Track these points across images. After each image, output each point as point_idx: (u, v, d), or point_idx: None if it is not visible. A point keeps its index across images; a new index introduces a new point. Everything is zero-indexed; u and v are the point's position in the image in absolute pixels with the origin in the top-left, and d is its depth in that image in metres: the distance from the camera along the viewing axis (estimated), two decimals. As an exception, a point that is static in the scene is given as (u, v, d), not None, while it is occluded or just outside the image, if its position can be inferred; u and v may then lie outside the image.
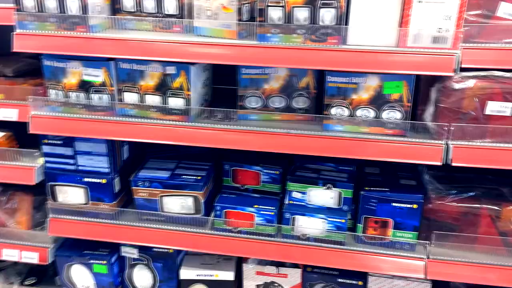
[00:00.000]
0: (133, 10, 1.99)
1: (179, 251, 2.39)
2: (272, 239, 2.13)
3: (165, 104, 2.01)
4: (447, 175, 2.13)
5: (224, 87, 2.31)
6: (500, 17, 1.74)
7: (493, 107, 1.76)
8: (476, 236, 1.99)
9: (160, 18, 1.96)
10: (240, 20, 1.83)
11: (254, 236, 2.14)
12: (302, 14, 1.75)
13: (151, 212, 2.21)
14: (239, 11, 1.82)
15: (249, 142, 1.95)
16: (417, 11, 1.69)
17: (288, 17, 1.75)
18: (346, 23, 1.76)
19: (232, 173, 2.26)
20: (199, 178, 2.17)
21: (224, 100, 2.17)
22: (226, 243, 2.17)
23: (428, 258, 2.00)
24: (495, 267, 1.97)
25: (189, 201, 2.17)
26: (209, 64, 2.19)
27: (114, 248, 2.41)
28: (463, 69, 1.73)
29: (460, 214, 2.01)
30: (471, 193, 2.02)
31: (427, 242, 2.02)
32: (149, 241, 2.24)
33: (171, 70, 1.96)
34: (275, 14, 1.76)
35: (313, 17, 1.75)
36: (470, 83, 1.75)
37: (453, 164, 1.79)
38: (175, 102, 2.00)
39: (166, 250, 2.34)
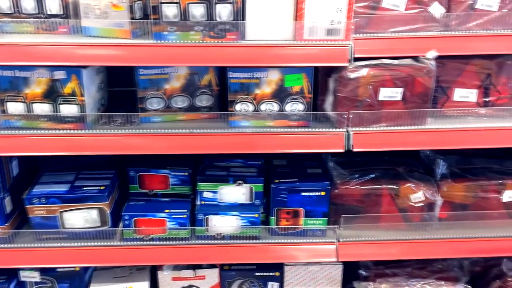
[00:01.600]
0: (10, 12, 1.79)
1: (86, 268, 2.23)
2: (187, 242, 2.08)
3: (57, 112, 1.84)
4: (349, 160, 2.23)
5: (122, 89, 2.19)
6: (385, 8, 1.85)
7: (385, 93, 1.88)
8: (379, 215, 2.12)
9: (43, 19, 1.79)
10: (132, 18, 1.73)
11: (168, 242, 2.07)
12: (198, 11, 1.70)
13: (51, 230, 2.02)
14: (131, 9, 1.72)
15: (154, 145, 1.87)
16: (310, 4, 1.73)
17: (184, 14, 1.70)
18: (243, 18, 1.75)
19: (138, 179, 2.16)
20: (102, 188, 2.04)
21: (123, 103, 2.06)
22: (138, 253, 2.06)
23: (338, 241, 2.09)
24: (397, 242, 2.11)
25: (94, 214, 2.03)
26: (103, 66, 2.06)
27: (12, 274, 2.18)
28: (356, 59, 1.81)
29: (363, 196, 2.12)
30: (372, 175, 2.14)
31: (336, 226, 2.11)
32: (51, 262, 2.06)
33: (60, 75, 1.80)
34: (170, 11, 1.69)
35: (210, 13, 1.71)
36: (364, 72, 1.84)
37: (354, 150, 1.87)
38: (68, 109, 1.84)
39: (71, 269, 2.17)
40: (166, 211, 2.06)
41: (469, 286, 2.27)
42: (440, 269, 2.37)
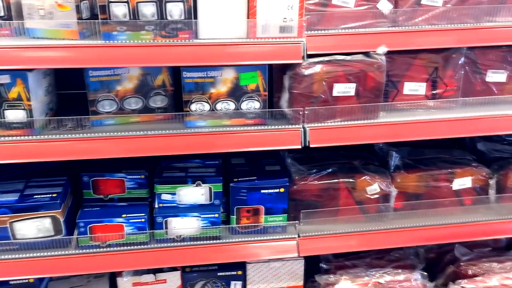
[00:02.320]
0: None
1: (41, 279, 2.15)
2: (146, 246, 2.03)
3: (2, 118, 1.75)
4: (306, 156, 2.26)
5: (72, 92, 2.11)
6: (335, 4, 1.87)
7: (339, 89, 1.91)
8: (337, 209, 2.16)
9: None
10: (79, 18, 1.67)
11: (126, 247, 2.01)
12: (148, 10, 1.67)
13: (1, 242, 1.93)
14: (78, 8, 1.66)
15: (107, 149, 1.81)
16: (262, 2, 1.73)
17: (134, 13, 1.65)
18: (195, 17, 1.73)
19: (92, 184, 2.09)
20: (54, 195, 1.96)
21: (73, 106, 1.98)
22: (95, 261, 2.00)
23: (299, 236, 2.11)
24: (356, 234, 2.15)
25: (47, 223, 1.95)
26: (51, 68, 1.97)
27: (-42, 291, 2.07)
28: (310, 56, 1.83)
29: (321, 190, 2.15)
30: (329, 170, 2.18)
31: (297, 222, 2.13)
32: (4, 275, 1.96)
33: (4, 79, 1.71)
34: (119, 10, 1.64)
35: (161, 12, 1.68)
36: (317, 68, 1.86)
37: (311, 145, 1.90)
38: (15, 115, 1.76)
39: (25, 281, 2.08)
40: (123, 215, 2.00)
41: (425, 273, 2.35)
42: (397, 257, 2.44)
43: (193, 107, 1.89)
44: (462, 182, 2.25)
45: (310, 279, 2.34)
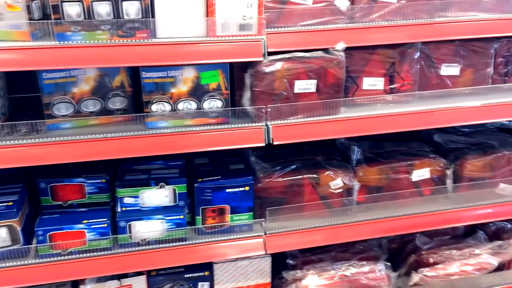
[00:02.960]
0: None
1: (-1, 292, 2.05)
2: (109, 252, 1.98)
3: (-51, 125, 1.66)
4: (270, 153, 2.27)
5: (25, 96, 2.03)
6: (294, 2, 1.88)
7: (300, 86, 1.92)
8: (302, 205, 2.18)
9: None
10: (31, 19, 1.60)
11: (88, 254, 1.96)
12: (103, 9, 1.62)
13: (-47, 255, 1.83)
14: (28, 9, 1.59)
15: (65, 154, 1.75)
16: (221, 0, 1.72)
17: (88, 12, 1.60)
18: (153, 16, 1.69)
19: (50, 190, 2.01)
20: (10, 203, 1.87)
21: (27, 110, 1.90)
22: (56, 270, 1.93)
23: (265, 234, 2.11)
24: (321, 229, 2.18)
25: (3, 232, 1.86)
26: (1, 72, 1.89)
27: None
28: (270, 53, 1.83)
29: (286, 187, 2.16)
30: (293, 166, 2.19)
31: (262, 219, 2.14)
32: (-43, 290, 1.87)
33: (-50, 83, 1.62)
34: (72, 10, 1.59)
35: (117, 11, 1.63)
36: (278, 65, 1.86)
37: (275, 142, 1.90)
38: (-37, 121, 1.67)
39: (-19, 295, 1.98)
40: (84, 221, 1.94)
41: (388, 263, 2.41)
42: (361, 249, 2.49)
43: (154, 107, 1.85)
44: (421, 174, 2.31)
45: (277, 275, 2.35)
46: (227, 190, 2.04)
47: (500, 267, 2.52)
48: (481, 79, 2.23)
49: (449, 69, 2.19)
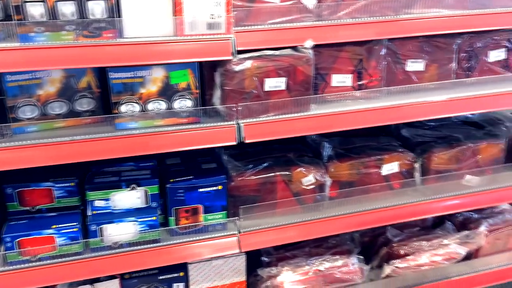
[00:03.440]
0: None
1: (-35, 303, 1.98)
2: (81, 257, 1.94)
3: None
4: (242, 152, 2.27)
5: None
6: (262, 0, 1.88)
7: (270, 84, 1.93)
8: (276, 202, 2.19)
9: None
10: (-9, 19, 1.56)
11: (59, 260, 1.92)
12: (68, 9, 1.58)
13: None
14: (-11, 9, 1.54)
15: (32, 158, 1.71)
16: (188, -1, 1.71)
17: (52, 12, 1.56)
18: (119, 15, 1.67)
19: (17, 195, 1.96)
20: (-25, 211, 1.82)
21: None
22: (25, 277, 1.88)
23: (239, 232, 2.12)
24: (295, 225, 2.20)
25: (-33, 241, 1.80)
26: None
27: None
28: (239, 52, 1.83)
29: (259, 185, 2.17)
30: (265, 164, 2.20)
31: (236, 218, 2.14)
32: None
33: None
34: (35, 10, 1.55)
35: (82, 11, 1.60)
36: (248, 64, 1.87)
37: (247, 141, 1.90)
38: None
39: None
40: (54, 226, 1.90)
41: (361, 256, 2.45)
42: (335, 244, 2.53)
43: (123, 108, 1.83)
44: (390, 167, 2.36)
45: (252, 273, 2.36)
46: (200, 190, 2.03)
47: (468, 256, 2.61)
48: (445, 74, 2.29)
49: (414, 65, 2.24)
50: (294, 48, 1.94)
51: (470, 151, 2.47)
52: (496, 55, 2.34)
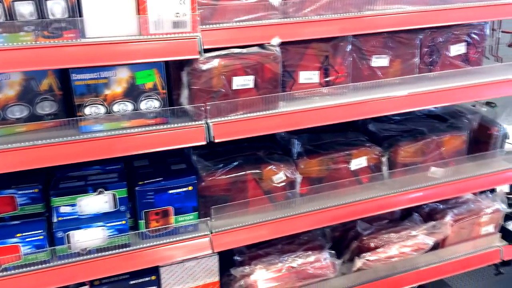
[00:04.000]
0: None
1: None
2: (47, 265, 1.88)
3: None
4: (211, 151, 2.25)
5: None
6: (227, -2, 1.87)
7: (238, 82, 1.92)
8: (247, 201, 2.18)
9: None
10: None
11: (24, 269, 1.85)
12: (26, 9, 1.53)
13: None
14: None
15: (-8, 164, 1.64)
16: (152, -3, 1.67)
17: (10, 13, 1.50)
18: (80, 15, 1.62)
19: (-23, 205, 1.87)
20: None
21: None
22: (-11, 289, 1.81)
23: (211, 233, 2.10)
24: (266, 223, 2.20)
25: None
26: None
27: None
28: (206, 50, 1.81)
29: (230, 184, 2.15)
30: (235, 163, 2.19)
31: (208, 218, 2.12)
32: None
33: None
34: (-9, 10, 1.48)
35: (41, 11, 1.54)
36: (215, 62, 1.85)
37: (216, 140, 1.89)
38: None
39: None
40: (18, 235, 1.83)
41: (333, 251, 2.48)
42: (306, 240, 2.54)
43: (87, 111, 1.78)
44: (358, 162, 2.40)
45: (226, 273, 2.34)
46: (170, 191, 2.00)
47: (435, 246, 2.68)
48: (409, 69, 2.34)
49: (379, 61, 2.28)
50: (261, 45, 1.94)
51: (434, 143, 2.53)
52: (457, 49, 2.41)
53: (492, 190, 3.00)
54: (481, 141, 2.69)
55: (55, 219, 1.91)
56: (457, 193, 2.65)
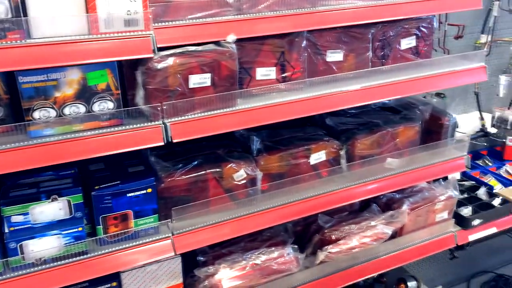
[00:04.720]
0: None
1: None
2: (0, 278, 1.78)
3: None
4: (170, 151, 2.21)
5: None
6: (180, -5, 1.84)
7: (194, 80, 1.89)
8: (208, 200, 2.16)
9: None
10: None
11: (-25, 285, 1.75)
12: (-36, 8, 1.43)
13: None
14: None
15: None
16: (101, -5, 1.61)
17: None
18: (25, 15, 1.54)
19: None
20: None
21: None
22: None
23: (173, 234, 2.06)
24: (229, 222, 2.18)
25: None
26: None
27: None
28: (161, 49, 1.77)
29: (190, 184, 2.12)
30: (194, 163, 2.15)
31: (169, 220, 2.08)
32: None
33: None
34: None
35: (-19, 10, 1.45)
36: (170, 61, 1.81)
37: (174, 140, 1.85)
38: None
39: None
40: (-34, 249, 1.73)
41: (295, 246, 2.50)
42: (269, 236, 2.55)
43: (36, 114, 1.69)
44: (318, 156, 2.42)
45: (189, 274, 2.31)
46: (128, 195, 1.94)
47: (394, 235, 2.75)
48: (362, 63, 2.38)
49: (333, 55, 2.31)
50: (217, 43, 1.91)
51: (389, 135, 2.60)
52: (407, 42, 2.48)
53: (445, 178, 3.11)
54: (433, 131, 2.79)
55: (6, 230, 1.82)
56: (412, 182, 2.73)
